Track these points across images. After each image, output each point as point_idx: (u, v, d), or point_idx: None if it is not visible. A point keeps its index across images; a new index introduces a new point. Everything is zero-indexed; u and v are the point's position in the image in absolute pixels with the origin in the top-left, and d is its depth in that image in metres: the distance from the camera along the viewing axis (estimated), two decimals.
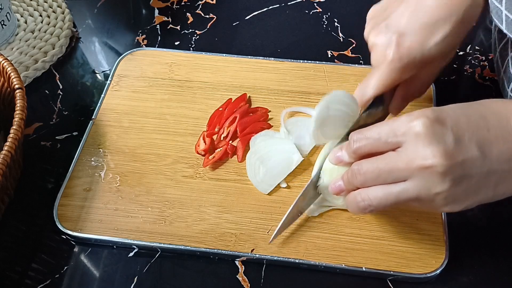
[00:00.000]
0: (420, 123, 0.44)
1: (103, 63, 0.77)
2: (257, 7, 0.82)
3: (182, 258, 0.57)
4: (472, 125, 0.44)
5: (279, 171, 0.61)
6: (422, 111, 0.45)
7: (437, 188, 0.44)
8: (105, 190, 0.61)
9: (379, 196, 0.47)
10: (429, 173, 0.43)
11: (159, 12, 0.82)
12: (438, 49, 0.52)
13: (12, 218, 0.60)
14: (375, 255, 0.55)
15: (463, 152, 0.43)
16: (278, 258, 0.55)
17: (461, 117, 0.44)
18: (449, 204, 0.45)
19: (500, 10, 0.52)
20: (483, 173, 0.44)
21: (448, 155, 0.43)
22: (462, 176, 0.44)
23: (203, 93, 0.69)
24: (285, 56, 0.73)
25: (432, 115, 0.44)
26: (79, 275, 0.56)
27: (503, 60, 0.61)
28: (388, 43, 0.52)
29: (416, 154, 0.44)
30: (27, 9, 0.81)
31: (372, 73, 0.55)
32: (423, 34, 0.52)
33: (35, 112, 0.70)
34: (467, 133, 0.44)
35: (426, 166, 0.43)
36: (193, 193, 0.60)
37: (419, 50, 0.52)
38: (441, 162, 0.43)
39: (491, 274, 0.55)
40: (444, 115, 0.44)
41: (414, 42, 0.52)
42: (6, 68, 0.60)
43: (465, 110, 0.46)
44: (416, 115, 0.44)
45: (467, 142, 0.43)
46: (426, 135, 0.43)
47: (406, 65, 0.52)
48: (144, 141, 0.65)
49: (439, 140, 0.43)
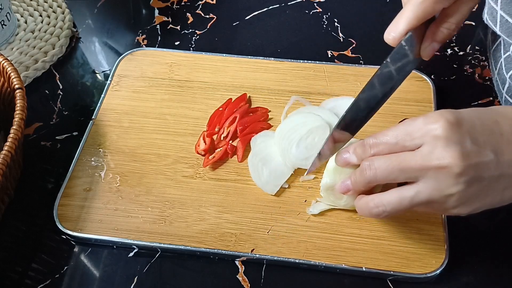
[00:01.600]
0: (439, 125, 0.44)
1: (103, 63, 0.77)
2: (257, 7, 0.82)
3: (182, 258, 0.57)
4: (486, 129, 0.45)
5: (283, 170, 0.61)
6: (439, 113, 0.45)
7: (451, 189, 0.44)
8: (105, 190, 0.61)
9: (392, 202, 0.47)
10: (444, 174, 0.44)
11: (159, 12, 0.82)
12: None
13: (12, 218, 0.60)
14: (375, 255, 0.55)
15: (478, 155, 0.44)
16: (278, 258, 0.55)
17: (476, 121, 0.45)
18: (459, 206, 0.46)
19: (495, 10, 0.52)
20: (494, 177, 0.45)
21: (464, 157, 0.43)
22: (475, 178, 0.44)
23: (203, 93, 0.69)
24: (285, 56, 0.73)
25: (451, 117, 0.45)
26: (79, 275, 0.56)
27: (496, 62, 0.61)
28: None
29: (433, 155, 0.44)
30: (27, 9, 0.81)
31: (404, 8, 0.53)
32: None
33: (35, 112, 0.70)
34: (481, 136, 0.44)
35: (443, 166, 0.44)
36: (193, 193, 0.60)
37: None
38: (458, 163, 0.43)
39: (491, 274, 0.55)
40: (462, 118, 0.45)
41: None
42: (6, 68, 0.60)
43: (479, 114, 0.46)
44: (435, 118, 0.45)
45: (482, 146, 0.44)
46: (445, 138, 0.44)
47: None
48: (144, 141, 0.65)
49: (457, 142, 0.44)
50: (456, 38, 0.75)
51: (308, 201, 0.58)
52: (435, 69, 0.71)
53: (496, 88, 0.63)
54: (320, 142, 0.61)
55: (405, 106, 0.66)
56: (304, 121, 0.62)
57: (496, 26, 0.52)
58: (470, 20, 0.77)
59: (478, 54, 0.73)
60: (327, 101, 0.67)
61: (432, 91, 0.67)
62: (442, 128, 0.44)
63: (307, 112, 0.65)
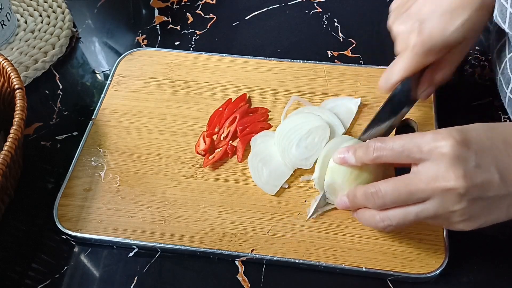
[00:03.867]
0: (447, 144, 0.45)
1: (103, 63, 0.77)
2: (257, 7, 0.82)
3: (182, 258, 0.57)
4: (494, 149, 0.46)
5: (283, 171, 0.61)
6: (449, 131, 0.46)
7: (455, 206, 0.46)
8: (105, 190, 0.61)
9: (398, 216, 0.48)
10: (449, 194, 0.45)
11: (159, 12, 0.82)
12: (459, 35, 0.54)
13: (12, 218, 0.60)
14: (375, 255, 0.55)
15: (483, 175, 0.45)
16: (278, 258, 0.55)
17: (486, 141, 0.46)
18: (463, 222, 0.47)
19: (505, 8, 0.52)
20: (499, 196, 0.45)
21: (468, 177, 0.44)
22: (479, 197, 0.45)
23: (203, 93, 0.69)
24: (285, 56, 0.73)
25: (459, 137, 0.45)
26: (79, 275, 0.56)
27: (500, 62, 0.61)
28: (411, 30, 0.55)
29: (438, 175, 0.45)
30: (27, 9, 0.81)
31: (397, 60, 0.57)
32: (443, 20, 0.54)
33: (35, 112, 0.70)
34: (489, 157, 0.45)
35: (448, 188, 0.45)
36: (193, 193, 0.60)
37: (440, 35, 0.54)
38: (462, 184, 0.44)
39: (491, 274, 0.55)
40: (470, 138, 0.46)
41: (435, 28, 0.54)
42: (6, 68, 0.60)
43: (489, 133, 0.47)
44: (443, 135, 0.46)
45: (488, 166, 0.45)
46: (451, 157, 0.45)
47: (428, 49, 0.55)
48: (144, 141, 0.65)
49: (463, 163, 0.45)
50: None
51: (308, 201, 0.58)
52: None
53: (499, 87, 0.63)
54: (320, 142, 0.61)
55: None
56: (304, 121, 0.62)
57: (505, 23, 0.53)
58: None
59: (478, 54, 0.73)
60: (327, 101, 0.67)
61: None
62: (450, 146, 0.45)
63: (307, 112, 0.65)
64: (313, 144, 0.61)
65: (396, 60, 0.57)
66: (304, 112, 0.65)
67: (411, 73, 0.57)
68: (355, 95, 0.67)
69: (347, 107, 0.66)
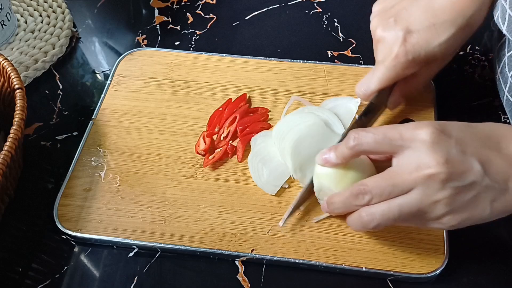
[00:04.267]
0: (428, 131, 0.45)
1: (103, 63, 0.77)
2: (257, 7, 0.82)
3: (182, 258, 0.57)
4: (475, 141, 0.46)
5: (283, 170, 0.61)
6: (430, 122, 0.47)
7: (438, 195, 0.45)
8: (105, 190, 0.61)
9: (381, 209, 0.48)
10: (432, 181, 0.45)
11: (159, 12, 0.82)
12: (441, 49, 0.55)
13: (12, 218, 0.60)
14: (375, 255, 0.55)
15: (465, 163, 0.45)
16: (278, 258, 0.55)
17: (467, 133, 0.47)
18: (447, 215, 0.46)
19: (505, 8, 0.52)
20: (482, 188, 0.45)
21: (450, 164, 0.44)
22: (462, 186, 0.45)
23: (203, 93, 0.69)
24: (285, 56, 0.73)
25: (439, 126, 0.46)
26: (79, 275, 0.56)
27: (500, 61, 0.61)
28: (395, 39, 0.55)
29: (420, 162, 0.45)
30: (27, 9, 0.81)
31: (377, 67, 0.58)
32: (429, 33, 0.55)
33: (35, 112, 0.70)
34: (470, 148, 0.46)
35: (430, 175, 0.45)
36: (193, 193, 0.60)
37: (424, 48, 0.55)
38: (443, 170, 0.44)
39: (491, 274, 0.55)
40: (451, 129, 0.46)
41: (420, 40, 0.55)
42: (6, 68, 0.60)
43: (471, 128, 0.48)
44: (425, 124, 0.46)
45: (470, 156, 0.45)
46: (431, 143, 0.45)
47: (410, 61, 0.55)
48: (144, 141, 0.65)
49: (443, 149, 0.45)
50: None
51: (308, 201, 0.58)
52: None
53: (499, 87, 0.63)
54: (317, 141, 0.60)
55: (405, 106, 0.66)
56: (301, 120, 0.63)
57: (504, 25, 0.53)
58: None
59: (478, 54, 0.73)
60: (327, 101, 0.67)
61: (432, 91, 0.67)
62: (430, 133, 0.45)
63: (307, 112, 0.65)
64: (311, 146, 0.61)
65: (376, 68, 0.58)
66: (303, 112, 0.65)
67: (390, 82, 0.57)
68: (355, 95, 0.67)
69: (347, 107, 0.66)
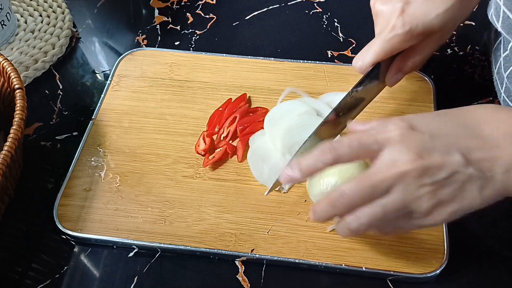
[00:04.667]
0: (398, 129, 0.45)
1: (103, 63, 0.77)
2: (257, 7, 0.82)
3: (182, 258, 0.57)
4: (452, 131, 0.45)
5: (284, 165, 0.61)
6: (402, 117, 0.46)
7: (419, 191, 0.44)
8: (105, 190, 0.61)
9: (366, 213, 0.46)
10: (408, 178, 0.44)
11: (159, 12, 0.82)
12: (440, 21, 0.54)
13: (12, 218, 0.60)
14: (375, 255, 0.55)
15: (441, 156, 0.44)
16: (278, 258, 0.55)
17: (441, 124, 0.46)
18: (436, 209, 0.45)
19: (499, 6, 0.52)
20: (466, 177, 0.44)
21: (424, 159, 0.43)
22: (442, 180, 0.44)
23: (203, 93, 0.69)
24: (285, 56, 0.73)
25: (410, 122, 0.45)
26: (79, 275, 0.56)
27: (496, 61, 0.61)
28: (393, 10, 0.55)
29: (394, 160, 0.44)
30: (27, 9, 0.81)
31: (374, 40, 0.56)
32: (428, 4, 0.54)
33: (35, 112, 0.70)
34: (446, 139, 0.45)
35: (405, 172, 0.44)
36: (193, 193, 0.60)
37: (422, 19, 0.54)
38: (417, 166, 0.43)
39: (491, 274, 0.55)
40: (422, 122, 0.46)
41: (418, 11, 0.54)
42: (6, 68, 0.60)
43: (445, 117, 0.47)
44: (396, 121, 0.45)
45: (446, 147, 0.44)
46: (403, 140, 0.44)
47: (408, 32, 0.54)
48: (144, 141, 0.65)
49: (415, 144, 0.44)
50: (456, 38, 0.75)
51: (308, 201, 0.58)
52: (435, 69, 0.71)
53: (496, 87, 0.63)
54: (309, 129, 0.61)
55: (405, 106, 0.66)
56: (292, 108, 0.63)
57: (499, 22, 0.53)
58: (470, 20, 0.77)
59: (478, 54, 0.73)
60: (325, 95, 0.67)
61: (432, 91, 0.67)
62: (399, 129, 0.45)
63: (299, 100, 0.66)
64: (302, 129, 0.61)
65: (373, 41, 0.56)
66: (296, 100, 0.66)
67: (387, 56, 0.56)
68: None
69: None
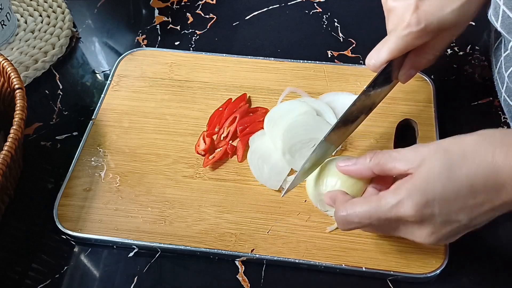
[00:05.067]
0: (411, 210, 0.45)
1: (103, 63, 0.77)
2: (257, 7, 0.82)
3: (182, 258, 0.57)
4: (460, 198, 0.45)
5: (284, 165, 0.61)
6: (409, 193, 0.45)
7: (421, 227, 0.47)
8: (105, 190, 0.61)
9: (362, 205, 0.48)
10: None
11: (159, 12, 0.82)
12: (454, 17, 0.54)
13: (12, 218, 0.60)
14: (375, 255, 0.55)
15: (451, 225, 0.46)
16: (278, 258, 0.55)
17: (449, 192, 0.45)
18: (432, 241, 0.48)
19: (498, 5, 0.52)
20: (466, 227, 0.47)
21: (436, 234, 0.47)
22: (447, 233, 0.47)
23: (203, 93, 0.69)
24: (285, 56, 0.73)
25: (420, 199, 0.45)
26: (79, 275, 0.56)
27: (497, 61, 0.61)
28: (407, 6, 0.54)
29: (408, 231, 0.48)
30: (27, 9, 0.81)
31: (388, 37, 0.56)
32: (442, 0, 0.53)
33: (35, 112, 0.70)
34: (455, 207, 0.45)
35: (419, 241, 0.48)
36: (193, 193, 0.60)
37: (436, 15, 0.53)
38: (432, 240, 0.47)
39: (491, 274, 0.55)
40: (432, 196, 0.45)
41: (433, 7, 0.53)
42: (6, 68, 0.60)
43: (452, 177, 0.45)
44: (405, 201, 0.45)
45: (455, 216, 0.46)
46: (416, 222, 0.46)
47: (422, 29, 0.53)
48: (144, 141, 0.65)
49: (428, 222, 0.46)
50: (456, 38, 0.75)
51: (308, 201, 0.58)
52: (435, 69, 0.71)
53: (497, 87, 0.63)
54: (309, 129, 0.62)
55: (405, 106, 0.66)
56: (293, 108, 0.63)
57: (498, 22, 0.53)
58: None
59: (478, 54, 0.73)
60: (326, 95, 0.67)
61: (432, 91, 0.67)
62: (415, 212, 0.45)
63: (299, 100, 0.66)
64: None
65: (387, 38, 0.56)
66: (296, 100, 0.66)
67: (401, 53, 0.55)
68: (355, 95, 0.67)
69: (344, 102, 0.66)
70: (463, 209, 0.45)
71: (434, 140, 0.62)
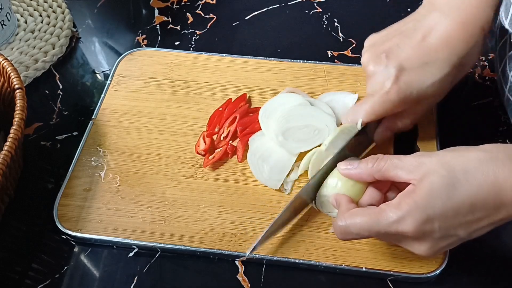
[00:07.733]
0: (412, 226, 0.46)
1: (103, 63, 0.77)
2: (257, 7, 0.82)
3: (182, 258, 0.57)
4: (460, 215, 0.45)
5: (284, 164, 0.61)
6: (409, 210, 0.46)
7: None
8: (105, 190, 0.61)
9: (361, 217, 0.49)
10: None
11: (159, 12, 0.82)
12: (434, 89, 0.54)
13: (12, 218, 0.60)
14: (375, 255, 0.55)
15: (448, 240, 0.47)
16: (278, 258, 0.55)
17: (449, 209, 0.45)
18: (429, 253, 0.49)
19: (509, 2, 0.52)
20: (464, 239, 0.48)
21: (434, 248, 0.48)
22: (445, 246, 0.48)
23: (203, 93, 0.69)
24: (285, 56, 0.73)
25: (421, 215, 0.45)
26: (79, 275, 0.56)
27: (501, 60, 0.61)
28: (387, 75, 0.54)
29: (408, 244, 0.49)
30: (27, 9, 0.81)
31: (366, 100, 0.56)
32: (423, 72, 0.54)
33: (35, 112, 0.70)
34: (454, 223, 0.46)
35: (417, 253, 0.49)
36: (193, 193, 0.60)
37: (416, 87, 0.54)
38: (429, 254, 0.48)
39: (491, 274, 0.55)
40: (432, 214, 0.45)
41: (413, 79, 0.54)
42: (6, 68, 0.60)
43: (452, 194, 0.45)
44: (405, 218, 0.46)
45: (453, 232, 0.46)
46: (415, 237, 0.47)
47: (401, 99, 0.54)
48: (144, 141, 0.65)
49: (428, 237, 0.47)
50: None
51: None
52: None
53: (499, 86, 0.63)
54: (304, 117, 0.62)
55: None
56: (287, 100, 0.64)
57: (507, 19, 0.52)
58: None
59: None
60: (325, 95, 0.67)
61: None
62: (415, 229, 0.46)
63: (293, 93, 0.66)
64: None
65: (366, 100, 0.56)
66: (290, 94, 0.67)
67: (378, 117, 0.56)
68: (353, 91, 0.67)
69: (344, 101, 0.66)
70: (462, 224, 0.46)
71: (434, 140, 0.62)
